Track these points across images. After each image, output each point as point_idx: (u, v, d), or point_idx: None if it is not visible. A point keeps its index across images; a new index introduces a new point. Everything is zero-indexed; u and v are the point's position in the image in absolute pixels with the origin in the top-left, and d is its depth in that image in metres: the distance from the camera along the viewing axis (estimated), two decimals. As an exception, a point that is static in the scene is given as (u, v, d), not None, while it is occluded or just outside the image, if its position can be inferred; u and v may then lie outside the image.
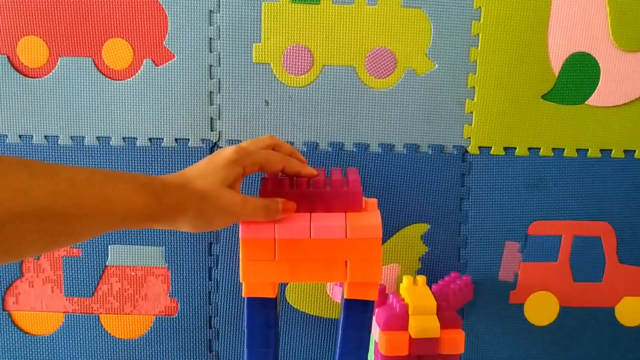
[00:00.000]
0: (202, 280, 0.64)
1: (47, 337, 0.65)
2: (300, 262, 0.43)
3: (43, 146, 0.61)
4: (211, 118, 0.61)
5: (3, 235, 0.30)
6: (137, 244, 0.64)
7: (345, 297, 0.45)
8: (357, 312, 0.46)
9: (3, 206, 0.29)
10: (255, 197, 0.43)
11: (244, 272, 0.43)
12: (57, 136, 0.61)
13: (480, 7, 0.60)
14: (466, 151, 0.63)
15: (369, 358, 0.48)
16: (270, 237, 0.42)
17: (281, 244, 0.43)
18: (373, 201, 0.46)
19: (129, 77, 0.60)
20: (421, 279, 0.59)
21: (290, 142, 0.62)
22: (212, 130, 0.61)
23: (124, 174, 0.38)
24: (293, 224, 0.43)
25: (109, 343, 0.66)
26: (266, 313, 0.45)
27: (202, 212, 0.40)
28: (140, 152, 0.61)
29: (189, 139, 0.61)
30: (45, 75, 0.60)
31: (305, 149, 0.62)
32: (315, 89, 0.61)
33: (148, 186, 0.38)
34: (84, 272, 0.64)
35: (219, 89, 0.61)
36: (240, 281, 0.43)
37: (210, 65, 0.60)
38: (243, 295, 0.44)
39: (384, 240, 0.64)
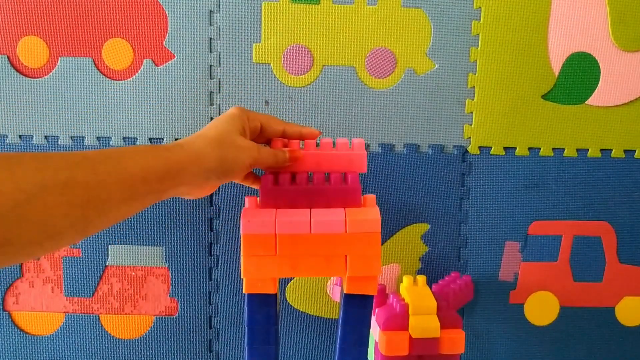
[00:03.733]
0: (202, 280, 0.64)
1: (47, 337, 0.65)
2: (301, 256, 0.43)
3: (43, 146, 0.61)
4: (211, 118, 0.61)
5: (33, 208, 0.31)
6: (137, 244, 0.64)
7: (345, 292, 0.45)
8: (357, 307, 0.46)
9: (27, 179, 0.31)
10: (265, 146, 0.47)
11: (245, 267, 0.43)
12: (57, 136, 0.61)
13: (480, 7, 0.60)
14: (466, 151, 0.63)
15: (369, 358, 0.48)
16: (271, 233, 0.43)
17: (282, 239, 0.43)
18: (372, 197, 0.46)
19: (129, 77, 0.60)
20: (421, 279, 0.59)
21: (290, 142, 0.62)
22: (212, 130, 0.61)
23: (132, 146, 0.42)
24: (293, 220, 0.43)
25: (109, 343, 0.66)
26: (267, 310, 0.45)
27: (222, 159, 0.42)
28: (140, 152, 0.61)
29: (189, 139, 0.61)
30: (45, 75, 0.60)
31: (305, 149, 0.62)
32: (315, 89, 0.61)
33: (159, 146, 0.41)
34: (84, 272, 0.64)
35: (219, 89, 0.61)
36: (242, 277, 0.44)
37: (210, 65, 0.60)
38: (244, 292, 0.44)
39: (384, 241, 0.64)
